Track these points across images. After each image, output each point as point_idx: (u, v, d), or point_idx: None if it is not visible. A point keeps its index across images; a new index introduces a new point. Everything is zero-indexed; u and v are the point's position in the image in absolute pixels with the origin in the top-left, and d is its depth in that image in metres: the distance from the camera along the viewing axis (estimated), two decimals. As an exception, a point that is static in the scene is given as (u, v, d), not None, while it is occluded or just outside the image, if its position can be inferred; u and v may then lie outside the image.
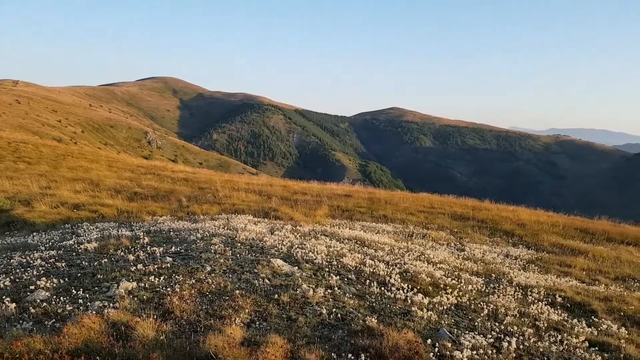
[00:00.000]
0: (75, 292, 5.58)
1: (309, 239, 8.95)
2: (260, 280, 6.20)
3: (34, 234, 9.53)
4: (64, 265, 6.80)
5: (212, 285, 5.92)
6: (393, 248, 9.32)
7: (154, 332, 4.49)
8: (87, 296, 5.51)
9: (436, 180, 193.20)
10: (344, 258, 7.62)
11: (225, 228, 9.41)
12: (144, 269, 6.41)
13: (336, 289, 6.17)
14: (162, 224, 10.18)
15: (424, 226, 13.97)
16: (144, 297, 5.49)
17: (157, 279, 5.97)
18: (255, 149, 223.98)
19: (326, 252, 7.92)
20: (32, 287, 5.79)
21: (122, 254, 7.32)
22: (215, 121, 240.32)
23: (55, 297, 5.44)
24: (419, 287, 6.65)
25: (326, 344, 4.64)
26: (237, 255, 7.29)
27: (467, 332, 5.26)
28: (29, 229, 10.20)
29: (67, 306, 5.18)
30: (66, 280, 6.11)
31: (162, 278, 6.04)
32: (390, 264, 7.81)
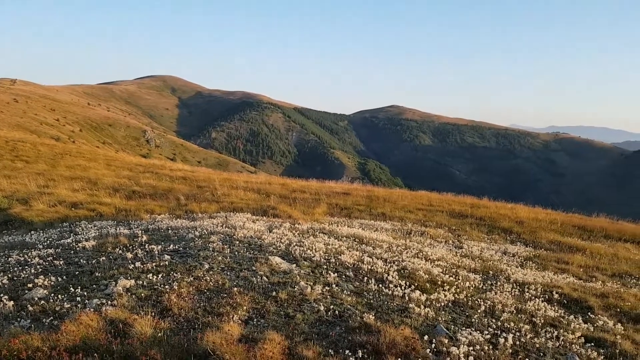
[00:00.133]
0: (73, 290, 5.59)
1: (307, 237, 8.96)
2: (258, 277, 6.21)
3: (32, 232, 9.53)
4: (62, 263, 6.81)
5: (210, 283, 5.93)
6: (391, 245, 9.34)
7: (152, 329, 4.50)
8: (85, 294, 5.52)
9: (435, 178, 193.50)
10: (342, 255, 7.63)
11: (224, 226, 9.41)
12: (142, 266, 6.42)
13: (334, 286, 6.19)
14: (161, 222, 10.19)
15: (422, 224, 14.00)
16: (142, 294, 5.50)
17: (155, 277, 5.98)
18: (254, 147, 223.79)
19: (324, 249, 7.93)
20: (30, 285, 5.80)
21: (120, 252, 7.33)
22: (214, 120, 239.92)
23: (53, 295, 5.45)
24: (416, 284, 6.67)
25: (324, 341, 4.66)
26: (236, 253, 7.30)
27: (464, 328, 5.29)
28: (27, 227, 10.20)
29: (65, 304, 5.19)
30: (64, 278, 6.12)
31: (160, 276, 6.05)
32: (388, 261, 7.83)
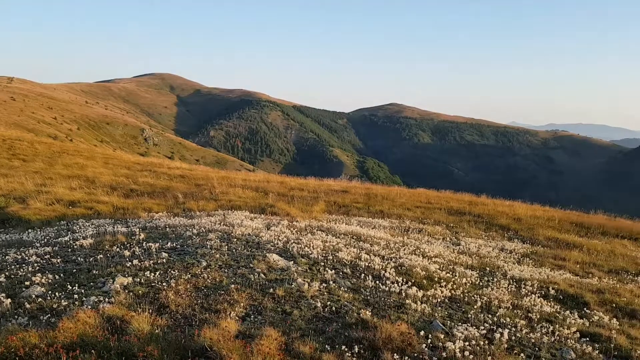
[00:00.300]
0: (70, 288, 5.60)
1: (305, 234, 8.98)
2: (255, 274, 6.23)
3: (29, 230, 9.53)
4: (59, 261, 6.81)
5: (207, 280, 5.95)
6: (389, 242, 9.37)
7: (149, 326, 4.52)
8: (83, 291, 5.53)
9: (434, 176, 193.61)
10: (339, 253, 7.66)
11: (222, 224, 9.43)
12: (139, 264, 6.43)
13: (331, 282, 6.21)
14: (158, 220, 10.19)
15: (420, 221, 14.03)
16: (139, 292, 5.51)
17: (152, 274, 5.99)
18: (253, 145, 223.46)
19: (322, 247, 7.96)
20: (27, 283, 5.80)
21: (117, 249, 7.33)
22: (213, 118, 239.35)
23: (50, 293, 5.46)
24: (413, 281, 6.71)
25: (320, 337, 4.69)
26: (233, 251, 7.32)
27: (460, 323, 5.32)
28: (24, 226, 10.19)
29: (63, 301, 5.20)
30: (61, 276, 6.12)
31: (157, 273, 6.06)
32: (385, 258, 7.86)
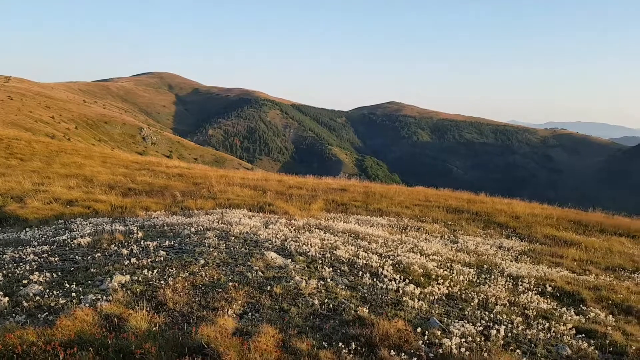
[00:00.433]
0: (68, 286, 5.61)
1: (303, 232, 9.00)
2: (253, 272, 6.24)
3: (27, 229, 9.52)
4: (57, 259, 6.82)
5: (205, 278, 5.96)
6: (387, 240, 9.39)
7: (146, 323, 4.53)
8: (81, 290, 5.54)
9: (433, 175, 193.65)
10: (337, 250, 7.67)
11: (220, 222, 9.43)
12: (137, 262, 6.44)
13: (329, 280, 6.23)
14: (156, 218, 10.19)
15: (418, 219, 14.06)
16: (137, 290, 5.52)
17: (150, 272, 6.00)
18: (251, 144, 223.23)
19: (320, 244, 7.97)
20: (25, 282, 5.81)
21: (115, 248, 7.34)
22: (211, 117, 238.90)
23: (48, 291, 5.47)
24: (411, 278, 6.73)
25: (317, 334, 4.71)
26: (231, 249, 7.33)
27: (457, 320, 5.35)
28: (22, 225, 10.18)
29: (60, 299, 5.21)
30: (59, 274, 6.13)
31: (155, 271, 6.07)
32: (383, 255, 7.88)
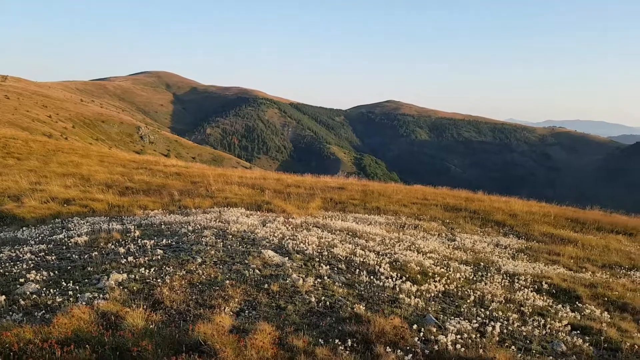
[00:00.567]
0: (65, 285, 5.61)
1: (301, 231, 9.01)
2: (250, 270, 6.25)
3: (24, 228, 9.50)
4: (54, 258, 6.81)
5: (202, 276, 5.97)
6: (384, 238, 9.41)
7: (143, 321, 4.54)
8: (77, 288, 5.54)
9: (432, 173, 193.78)
10: (334, 248, 7.69)
11: (217, 221, 9.43)
12: (134, 261, 6.44)
13: (326, 278, 6.25)
14: (154, 217, 10.18)
15: (416, 217, 14.08)
16: (134, 288, 5.53)
17: (147, 271, 6.01)
18: (250, 143, 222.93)
19: (317, 243, 7.98)
20: (21, 280, 5.80)
21: (112, 247, 7.33)
22: (209, 115, 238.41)
23: (45, 290, 5.47)
24: (407, 276, 6.75)
25: (314, 331, 4.72)
26: (228, 247, 7.33)
27: (453, 317, 5.38)
28: (19, 224, 10.15)
29: (57, 298, 5.21)
30: (56, 273, 6.12)
31: (152, 270, 6.07)
32: (380, 253, 7.90)
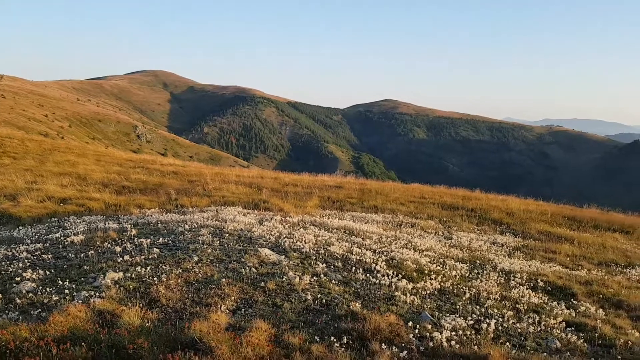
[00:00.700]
0: (61, 283, 5.60)
1: (298, 229, 9.02)
2: (247, 269, 6.26)
3: (20, 228, 9.47)
4: (50, 257, 6.80)
5: (199, 275, 5.97)
6: (381, 237, 9.43)
7: (139, 319, 4.55)
8: (74, 286, 5.54)
9: (429, 172, 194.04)
10: (331, 247, 7.71)
11: (214, 220, 9.43)
12: (130, 259, 6.44)
13: (322, 276, 6.27)
14: (150, 216, 10.17)
15: (413, 216, 14.12)
16: (130, 286, 5.53)
17: (143, 269, 6.01)
18: (247, 142, 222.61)
19: (314, 241, 8.00)
20: (17, 279, 5.79)
21: (109, 245, 7.33)
22: (207, 114, 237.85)
23: (41, 288, 5.46)
24: (404, 274, 6.78)
25: (310, 328, 4.74)
26: (225, 246, 7.34)
27: (448, 315, 5.40)
28: (15, 223, 10.11)
29: (54, 296, 5.21)
30: (52, 271, 6.12)
31: (148, 268, 6.07)
32: (377, 251, 7.93)
